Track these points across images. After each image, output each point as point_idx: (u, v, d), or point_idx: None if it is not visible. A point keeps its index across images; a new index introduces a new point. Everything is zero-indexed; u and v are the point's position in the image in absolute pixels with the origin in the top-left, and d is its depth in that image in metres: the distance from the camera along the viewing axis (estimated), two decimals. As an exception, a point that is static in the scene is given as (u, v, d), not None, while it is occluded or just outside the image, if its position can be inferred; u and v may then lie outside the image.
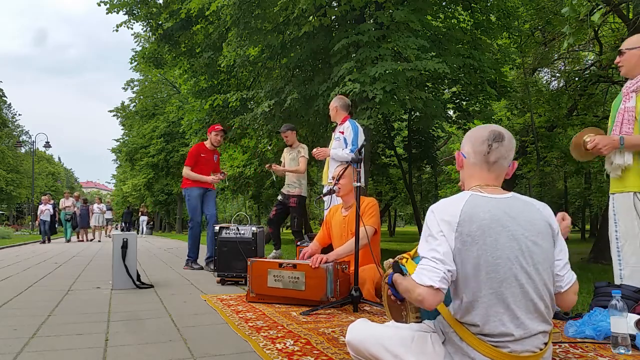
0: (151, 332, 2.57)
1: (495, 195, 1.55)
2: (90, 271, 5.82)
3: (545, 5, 9.83)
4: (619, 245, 2.74)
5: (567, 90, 12.21)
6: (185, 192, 5.82)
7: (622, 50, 2.77)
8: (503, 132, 1.62)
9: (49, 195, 16.35)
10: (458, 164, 1.71)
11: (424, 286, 1.43)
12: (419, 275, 1.46)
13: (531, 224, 1.51)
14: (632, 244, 2.67)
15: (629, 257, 2.68)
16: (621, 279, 2.71)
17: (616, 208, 2.75)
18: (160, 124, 29.38)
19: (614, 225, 2.76)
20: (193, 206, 5.74)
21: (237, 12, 7.42)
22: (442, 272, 1.44)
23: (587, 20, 6.03)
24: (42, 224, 15.32)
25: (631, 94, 2.67)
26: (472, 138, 1.65)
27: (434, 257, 1.46)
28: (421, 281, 1.44)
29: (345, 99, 4.98)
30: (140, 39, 18.29)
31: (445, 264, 1.45)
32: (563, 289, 1.57)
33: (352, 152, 4.52)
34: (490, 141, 1.60)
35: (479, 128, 1.68)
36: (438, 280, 1.43)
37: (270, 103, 8.05)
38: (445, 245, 1.46)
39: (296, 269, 3.21)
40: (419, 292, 1.44)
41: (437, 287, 1.43)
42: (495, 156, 1.60)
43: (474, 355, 1.46)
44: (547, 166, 14.49)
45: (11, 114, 41.85)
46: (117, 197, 41.71)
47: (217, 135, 5.87)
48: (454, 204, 1.51)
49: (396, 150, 16.16)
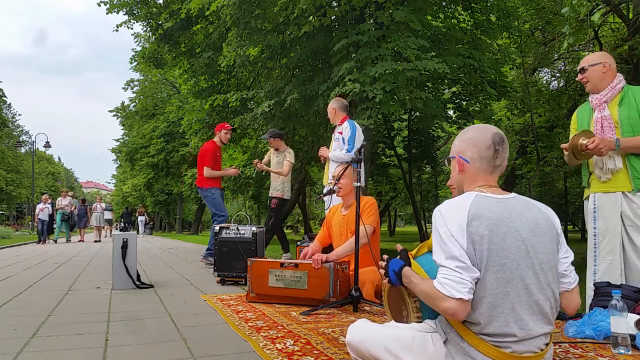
0: (151, 332, 2.57)
1: (499, 196, 1.55)
2: (90, 271, 5.81)
3: (545, 5, 9.83)
4: (597, 242, 2.82)
5: (567, 90, 12.22)
6: (207, 192, 6.04)
7: (585, 68, 2.89)
8: (502, 133, 1.63)
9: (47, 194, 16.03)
10: (458, 169, 1.67)
11: (454, 299, 1.39)
12: (446, 287, 1.41)
13: (536, 224, 1.51)
14: (610, 242, 2.74)
15: (605, 254, 2.75)
16: (595, 274, 2.79)
17: (598, 206, 2.81)
18: (160, 124, 29.36)
19: (592, 222, 2.83)
20: (220, 203, 6.08)
21: (237, 12, 7.42)
22: (469, 282, 1.41)
23: (587, 20, 6.03)
24: (40, 223, 14.95)
25: (603, 104, 2.81)
26: (476, 142, 1.62)
27: (457, 266, 1.41)
28: (450, 294, 1.39)
29: (342, 101, 5.01)
30: (140, 39, 18.28)
31: (470, 271, 1.42)
32: (572, 287, 1.58)
33: (349, 152, 4.54)
34: (496, 145, 1.59)
35: (478, 131, 1.65)
36: (467, 292, 1.40)
37: (270, 103, 8.05)
38: (460, 249, 1.44)
39: (298, 269, 3.22)
40: (449, 306, 1.40)
41: (467, 299, 1.40)
42: (501, 159, 1.61)
43: (475, 355, 1.46)
44: (547, 166, 14.47)
45: (11, 114, 41.86)
46: (117, 197, 41.70)
47: (227, 133, 6.22)
48: (461, 205, 1.50)
49: (396, 150, 16.16)
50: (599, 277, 2.76)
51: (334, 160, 4.63)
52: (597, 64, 2.84)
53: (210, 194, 6.02)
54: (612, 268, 2.72)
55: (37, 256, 8.55)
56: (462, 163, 1.66)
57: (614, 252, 2.72)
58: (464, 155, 1.65)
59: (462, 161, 1.65)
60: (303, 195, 20.05)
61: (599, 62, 2.85)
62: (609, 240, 2.74)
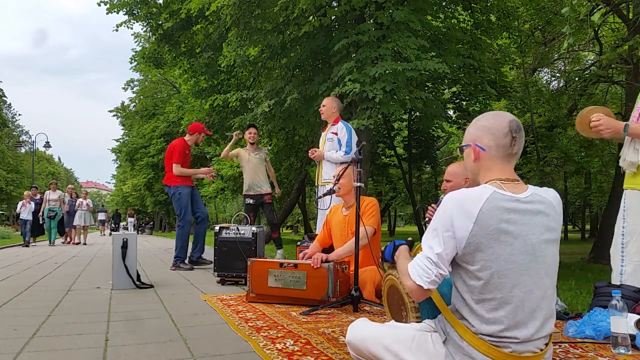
0: (151, 332, 2.57)
1: (516, 195, 1.49)
2: (90, 271, 5.81)
3: (545, 5, 9.83)
4: (624, 241, 2.69)
5: (567, 90, 12.21)
6: (174, 190, 5.71)
7: None
8: (518, 121, 1.58)
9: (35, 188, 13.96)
10: (473, 158, 1.60)
11: (414, 283, 1.50)
12: (414, 269, 1.52)
13: (547, 228, 1.49)
14: (637, 242, 2.63)
15: (633, 254, 2.64)
16: (621, 274, 2.68)
17: (627, 204, 2.71)
18: (160, 124, 29.35)
19: (622, 221, 2.71)
20: (184, 204, 5.67)
21: (237, 12, 7.41)
22: (434, 274, 1.48)
23: (587, 20, 6.03)
24: (22, 224, 12.80)
25: None
26: (493, 130, 1.55)
27: (429, 257, 1.48)
28: (413, 277, 1.50)
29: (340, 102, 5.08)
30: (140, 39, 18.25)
31: (439, 267, 1.47)
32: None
33: (347, 154, 4.58)
34: (514, 133, 1.54)
35: (494, 118, 1.59)
36: (427, 282, 1.48)
37: (270, 103, 8.04)
38: (449, 246, 1.45)
39: (297, 269, 3.21)
40: (409, 285, 1.53)
41: (425, 288, 1.49)
42: (518, 147, 1.56)
43: (474, 354, 1.46)
44: (547, 166, 14.46)
45: (11, 114, 41.85)
46: (117, 197, 41.68)
47: (203, 137, 6.20)
48: (475, 199, 1.45)
49: (396, 150, 16.14)
50: (625, 279, 2.65)
51: (331, 161, 4.68)
52: None
53: (177, 192, 5.67)
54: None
55: (37, 256, 8.55)
56: (477, 151, 1.58)
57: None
58: (480, 143, 1.57)
59: (478, 149, 1.58)
60: (303, 195, 20.03)
61: None
62: (637, 240, 2.63)
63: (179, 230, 5.79)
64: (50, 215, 12.77)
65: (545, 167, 14.16)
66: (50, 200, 12.85)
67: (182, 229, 5.79)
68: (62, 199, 13.12)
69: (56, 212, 12.87)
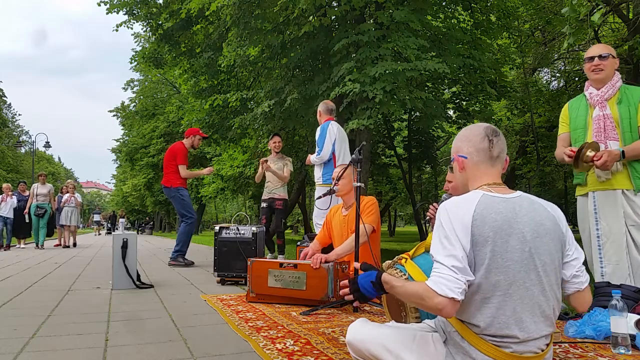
0: (151, 332, 2.57)
1: (505, 196, 1.53)
2: (90, 271, 5.81)
3: (545, 5, 9.84)
4: (601, 243, 2.74)
5: (567, 90, 12.22)
6: (175, 191, 6.00)
7: (604, 55, 2.83)
8: (495, 127, 1.64)
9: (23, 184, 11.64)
10: (459, 168, 1.67)
11: (446, 297, 1.38)
12: (439, 284, 1.40)
13: (540, 225, 1.50)
14: (614, 242, 2.68)
15: (611, 255, 2.69)
16: (602, 276, 2.73)
17: (599, 206, 2.75)
18: (160, 124, 29.35)
19: (595, 224, 2.76)
20: (188, 204, 6.08)
21: (237, 12, 7.42)
22: (463, 283, 1.40)
23: (587, 20, 6.02)
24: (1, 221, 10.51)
25: (604, 102, 2.79)
26: (470, 137, 1.64)
27: (454, 266, 1.41)
28: (442, 292, 1.38)
29: (328, 104, 5.11)
30: (140, 39, 18.30)
31: (465, 273, 1.41)
32: (584, 286, 1.57)
33: (318, 154, 4.76)
34: (490, 136, 1.61)
35: (470, 127, 1.67)
36: (459, 293, 1.39)
37: (270, 103, 8.05)
38: (461, 250, 1.43)
39: (297, 269, 3.22)
40: (439, 302, 1.39)
41: (458, 299, 1.39)
42: (498, 150, 1.60)
43: (475, 354, 1.46)
44: (547, 166, 14.47)
45: (11, 114, 41.87)
46: (117, 197, 41.67)
47: (200, 140, 6.34)
48: (467, 204, 1.49)
49: (396, 150, 16.15)
50: (607, 279, 2.70)
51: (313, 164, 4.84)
52: (611, 56, 2.81)
53: (180, 194, 5.99)
54: (620, 269, 2.66)
55: (37, 256, 8.54)
56: (461, 161, 1.66)
57: (619, 253, 2.67)
58: (461, 152, 1.66)
59: (461, 159, 1.65)
60: (303, 195, 20.05)
61: (612, 54, 2.81)
62: (614, 241, 2.68)
63: (186, 227, 6.04)
64: (39, 213, 10.59)
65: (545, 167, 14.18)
66: (38, 195, 10.62)
67: (189, 226, 6.05)
68: (52, 193, 10.96)
69: (45, 209, 10.68)
